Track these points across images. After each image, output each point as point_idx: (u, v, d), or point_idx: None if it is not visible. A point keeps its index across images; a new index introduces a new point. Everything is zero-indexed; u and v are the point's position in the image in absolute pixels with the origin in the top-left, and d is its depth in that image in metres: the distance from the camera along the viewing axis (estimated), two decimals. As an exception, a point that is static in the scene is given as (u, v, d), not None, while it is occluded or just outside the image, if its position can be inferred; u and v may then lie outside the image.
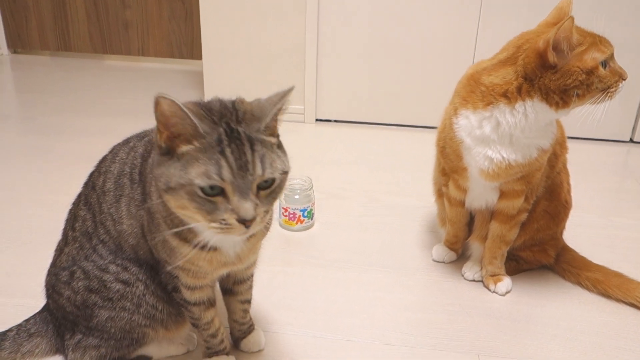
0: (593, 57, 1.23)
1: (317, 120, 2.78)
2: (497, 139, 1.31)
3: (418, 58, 2.60)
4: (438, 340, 1.34)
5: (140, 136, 1.16)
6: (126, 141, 1.17)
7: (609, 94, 1.26)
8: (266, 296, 1.47)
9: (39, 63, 3.60)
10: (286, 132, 2.89)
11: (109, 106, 2.88)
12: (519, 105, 1.27)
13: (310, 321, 1.39)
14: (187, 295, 1.10)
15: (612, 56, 1.27)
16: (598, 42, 1.25)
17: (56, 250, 1.19)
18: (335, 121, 2.78)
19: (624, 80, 1.28)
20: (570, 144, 1.55)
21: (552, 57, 1.22)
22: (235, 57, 2.70)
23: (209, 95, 2.74)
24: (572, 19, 1.19)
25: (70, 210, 1.18)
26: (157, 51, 3.58)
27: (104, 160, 1.16)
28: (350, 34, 2.59)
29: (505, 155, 1.32)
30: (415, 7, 2.51)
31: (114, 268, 1.09)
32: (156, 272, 1.10)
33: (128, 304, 1.09)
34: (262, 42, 2.66)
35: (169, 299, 1.12)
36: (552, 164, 1.48)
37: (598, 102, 1.27)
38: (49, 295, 1.19)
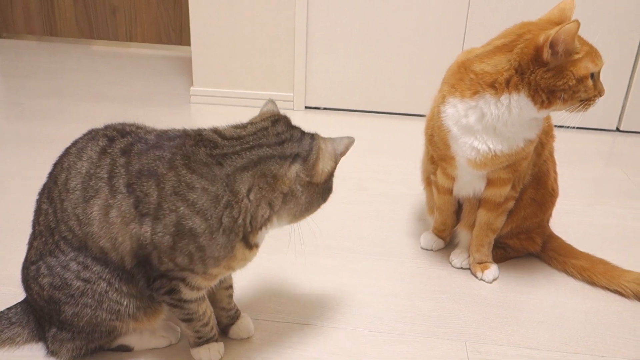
0: (586, 66, 1.24)
1: (306, 107, 2.77)
2: (482, 130, 1.32)
3: (407, 46, 2.60)
4: (426, 328, 1.36)
5: (109, 137, 1.11)
6: (92, 138, 1.12)
7: (585, 106, 1.28)
8: (254, 284, 1.48)
9: (24, 48, 3.55)
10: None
11: (96, 92, 2.85)
12: (504, 98, 1.27)
13: (298, 309, 1.40)
14: (188, 295, 1.10)
15: (599, 71, 1.29)
16: (593, 53, 1.26)
17: (28, 242, 1.18)
18: (325, 109, 2.77)
19: (601, 96, 1.30)
20: (556, 133, 1.56)
21: (546, 54, 1.21)
22: (224, 44, 2.68)
23: (197, 82, 2.74)
24: (578, 23, 1.18)
25: (37, 201, 1.16)
26: (145, 37, 3.55)
27: (67, 154, 1.13)
28: (339, 21, 2.58)
29: (491, 146, 1.32)
30: (405, -5, 2.50)
31: (75, 266, 1.08)
32: (128, 274, 1.08)
33: (90, 301, 1.09)
34: (252, 29, 2.64)
35: (138, 293, 1.11)
36: (539, 152, 1.49)
37: (574, 111, 1.29)
38: (24, 289, 1.19)
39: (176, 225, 1.01)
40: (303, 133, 1.13)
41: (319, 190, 1.11)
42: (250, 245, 1.09)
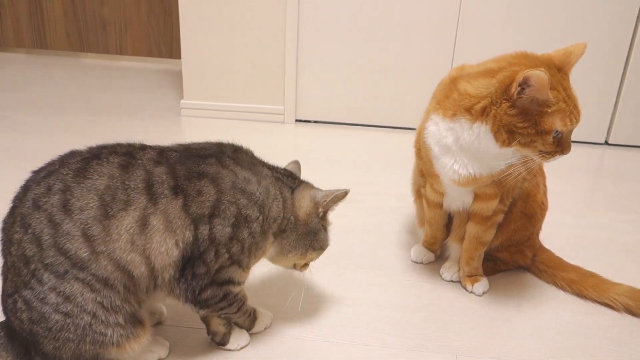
0: (553, 122, 1.19)
1: (296, 120, 2.77)
2: (460, 152, 1.29)
3: (397, 60, 2.61)
4: (416, 341, 1.35)
5: (122, 153, 1.10)
6: (93, 157, 1.09)
7: (543, 157, 1.24)
8: (244, 297, 1.46)
9: (14, 60, 3.54)
10: (266, 132, 2.88)
11: (86, 105, 2.84)
12: (476, 126, 1.24)
13: (288, 321, 1.39)
14: (237, 290, 1.21)
15: (571, 131, 1.24)
16: (569, 112, 1.20)
17: (1, 273, 1.11)
18: (315, 122, 2.78)
19: (564, 154, 1.25)
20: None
21: (513, 89, 1.17)
22: (214, 57, 2.68)
23: (187, 95, 2.74)
24: (546, 77, 1.13)
25: (4, 230, 1.09)
26: (135, 50, 3.55)
27: (51, 175, 1.07)
28: (330, 35, 2.59)
29: (471, 170, 1.31)
30: (395, 10, 2.52)
31: (54, 298, 1.03)
32: (135, 293, 1.08)
33: (71, 335, 1.05)
34: (242, 43, 2.65)
35: (127, 319, 1.09)
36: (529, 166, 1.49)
37: (532, 157, 1.25)
38: (6, 319, 1.13)
39: (236, 215, 1.11)
40: (301, 181, 1.30)
41: (304, 231, 1.24)
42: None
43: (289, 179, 1.26)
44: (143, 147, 1.14)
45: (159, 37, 3.50)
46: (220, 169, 1.13)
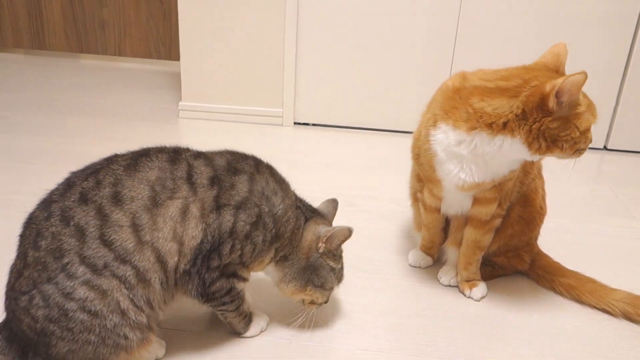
0: (588, 119, 1.25)
1: (295, 123, 2.77)
2: (470, 159, 1.31)
3: (396, 64, 2.61)
4: (413, 346, 1.34)
5: (167, 151, 1.17)
6: (141, 155, 1.14)
7: (578, 154, 1.29)
8: (241, 300, 1.46)
9: (12, 61, 3.54)
10: (264, 135, 2.87)
11: (84, 106, 2.84)
12: (498, 139, 1.26)
13: (284, 326, 1.38)
14: (240, 286, 1.25)
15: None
16: (592, 106, 1.27)
17: (13, 272, 1.09)
18: (314, 125, 2.77)
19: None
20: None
21: (552, 104, 1.20)
22: (213, 59, 2.68)
23: (186, 97, 2.73)
24: (585, 75, 1.18)
25: (31, 225, 1.08)
26: (134, 51, 3.55)
27: (99, 171, 1.10)
28: (329, 38, 2.59)
29: (476, 177, 1.32)
30: (394, 14, 2.52)
31: (83, 293, 1.02)
32: (167, 284, 1.12)
33: (93, 338, 1.04)
34: (241, 45, 2.64)
35: (147, 323, 1.10)
36: (527, 171, 1.49)
37: (566, 159, 1.30)
38: (9, 320, 1.10)
39: (257, 217, 1.18)
40: (321, 217, 1.34)
41: (305, 264, 1.27)
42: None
43: (308, 211, 1.31)
44: (186, 149, 1.22)
45: (158, 38, 3.50)
46: (256, 172, 1.21)
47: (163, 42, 3.51)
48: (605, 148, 2.68)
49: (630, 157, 2.62)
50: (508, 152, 1.28)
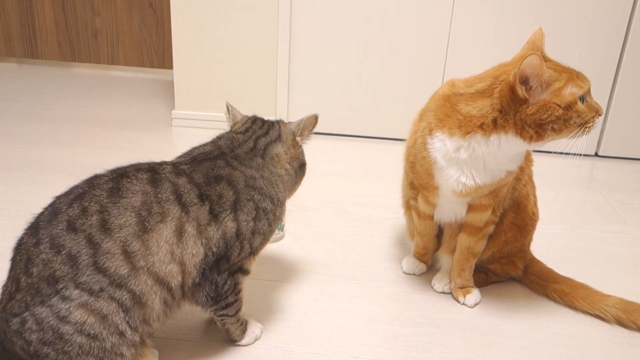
0: (571, 92, 1.22)
1: (288, 131, 2.77)
2: (471, 163, 1.32)
3: (388, 72, 2.62)
4: (407, 353, 1.34)
5: (145, 169, 1.14)
6: (120, 176, 1.11)
7: (586, 129, 1.26)
8: (235, 309, 1.45)
9: (4, 70, 3.53)
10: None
11: (77, 115, 2.83)
12: (493, 138, 1.27)
13: (278, 334, 1.38)
14: (243, 282, 1.26)
15: (589, 91, 1.27)
16: (575, 77, 1.24)
17: (4, 293, 1.06)
18: (307, 132, 2.78)
19: (600, 115, 1.27)
20: (536, 157, 1.57)
21: (520, 91, 1.21)
22: (206, 67, 2.68)
23: (179, 105, 2.73)
24: (536, 55, 1.17)
25: (21, 251, 1.06)
26: (127, 60, 3.55)
27: (82, 197, 1.07)
28: (321, 47, 2.60)
29: (477, 180, 1.33)
30: (387, 23, 2.53)
31: (79, 315, 1.01)
32: (169, 303, 1.12)
33: (90, 359, 1.03)
34: (234, 53, 2.65)
35: (141, 339, 1.10)
36: (518, 177, 1.50)
37: (576, 137, 1.27)
38: (1, 340, 1.06)
39: (256, 209, 1.21)
40: (272, 122, 1.40)
41: (297, 165, 1.39)
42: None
43: (269, 135, 1.36)
44: (160, 163, 1.19)
45: (151, 47, 3.50)
46: (231, 170, 1.22)
47: (156, 51, 3.51)
48: (596, 155, 2.70)
49: (621, 164, 2.64)
50: (507, 148, 1.29)
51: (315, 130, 1.30)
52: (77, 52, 3.55)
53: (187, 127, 2.76)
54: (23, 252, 1.05)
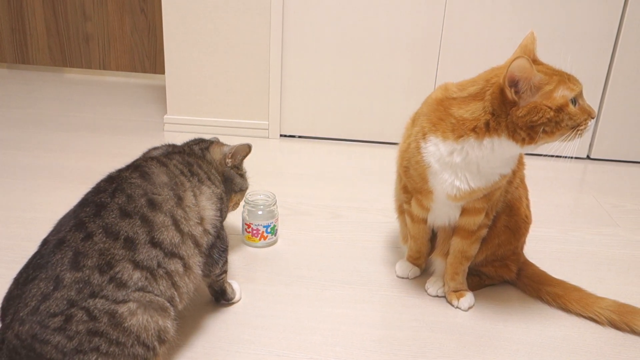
0: (562, 94, 1.23)
1: (281, 135, 2.77)
2: (465, 167, 1.33)
3: (381, 76, 2.63)
4: (401, 357, 1.34)
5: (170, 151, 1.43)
6: (137, 166, 1.28)
7: (578, 132, 1.26)
8: (226, 315, 1.45)
9: (-5, 75, 3.51)
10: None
11: (69, 120, 2.82)
12: (486, 141, 1.28)
13: (272, 339, 1.37)
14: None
15: (581, 93, 1.27)
16: (566, 79, 1.24)
17: (33, 296, 1.03)
18: (300, 137, 2.78)
19: (593, 118, 1.27)
20: (528, 161, 1.58)
21: (509, 94, 1.22)
22: (198, 72, 2.68)
23: (171, 110, 2.73)
24: (524, 58, 1.18)
25: (63, 248, 1.07)
26: (118, 65, 3.54)
27: (121, 187, 1.19)
28: (314, 51, 2.60)
29: (471, 183, 1.34)
30: (379, 26, 2.54)
31: (138, 296, 1.09)
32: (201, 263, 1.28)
33: (141, 351, 1.09)
34: (226, 58, 2.65)
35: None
36: (510, 180, 1.50)
37: (568, 140, 1.27)
38: (22, 346, 1.02)
39: (220, 199, 1.40)
40: (207, 140, 1.59)
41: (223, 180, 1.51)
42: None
43: (201, 143, 1.55)
44: (149, 158, 1.36)
45: (143, 52, 3.49)
46: (194, 159, 1.41)
47: (148, 56, 3.50)
48: (588, 157, 2.71)
49: (613, 166, 2.65)
50: (501, 151, 1.29)
51: (308, 134, 1.34)
52: (68, 57, 3.54)
53: (180, 132, 2.75)
54: (66, 249, 1.07)
